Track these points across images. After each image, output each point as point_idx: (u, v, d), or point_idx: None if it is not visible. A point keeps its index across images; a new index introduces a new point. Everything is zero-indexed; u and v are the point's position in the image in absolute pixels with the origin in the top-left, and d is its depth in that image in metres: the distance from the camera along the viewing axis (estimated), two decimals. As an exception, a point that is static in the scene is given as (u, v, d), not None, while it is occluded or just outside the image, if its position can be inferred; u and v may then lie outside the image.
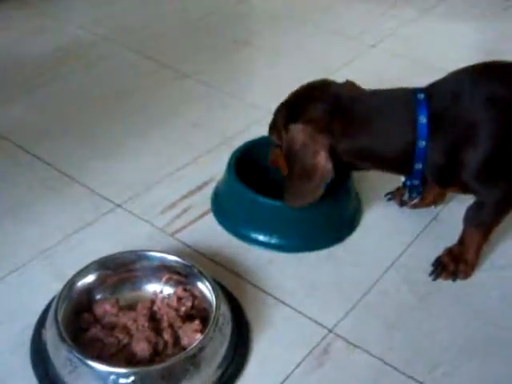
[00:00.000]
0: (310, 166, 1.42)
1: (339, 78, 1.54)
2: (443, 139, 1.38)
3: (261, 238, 1.59)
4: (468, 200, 1.51)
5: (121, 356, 1.25)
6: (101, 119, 2.02)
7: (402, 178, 1.59)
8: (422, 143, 1.39)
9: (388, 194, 1.75)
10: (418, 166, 1.42)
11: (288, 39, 2.59)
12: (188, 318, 1.32)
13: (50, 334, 1.24)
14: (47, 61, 2.32)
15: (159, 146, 1.93)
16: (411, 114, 1.39)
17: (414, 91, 1.43)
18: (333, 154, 1.42)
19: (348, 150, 1.43)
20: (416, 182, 1.50)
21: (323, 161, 1.41)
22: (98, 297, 1.36)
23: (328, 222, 1.62)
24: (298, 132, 1.42)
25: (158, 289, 1.38)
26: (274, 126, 1.53)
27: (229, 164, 1.66)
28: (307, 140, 1.41)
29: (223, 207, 1.67)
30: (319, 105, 1.44)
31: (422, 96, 1.41)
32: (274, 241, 1.58)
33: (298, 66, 2.36)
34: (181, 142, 1.94)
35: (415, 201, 1.64)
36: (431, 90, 1.44)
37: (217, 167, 1.76)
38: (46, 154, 1.84)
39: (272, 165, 1.59)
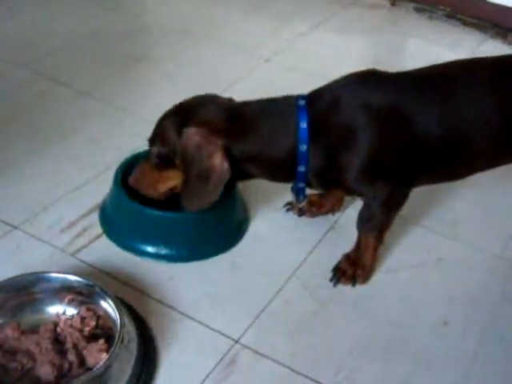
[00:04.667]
0: (206, 168, 1.44)
1: (236, 90, 1.58)
2: (323, 143, 1.45)
3: (149, 249, 1.59)
4: (363, 207, 1.57)
5: (25, 381, 1.23)
6: (-6, 139, 1.97)
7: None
8: (304, 147, 1.44)
9: (286, 204, 1.79)
10: (301, 168, 1.47)
11: (184, 54, 2.60)
12: (93, 337, 1.31)
13: None
14: None
15: (57, 164, 1.89)
16: (293, 119, 1.45)
17: (296, 98, 1.48)
18: (228, 154, 1.44)
19: (240, 152, 1.46)
20: (301, 185, 1.55)
21: (219, 161, 1.43)
22: (-2, 322, 1.32)
23: (213, 230, 1.64)
24: (192, 135, 1.43)
25: (61, 310, 1.36)
26: (158, 134, 1.50)
27: (115, 176, 1.65)
28: (202, 142, 1.42)
29: (110, 221, 1.67)
30: (210, 110, 1.47)
31: (303, 102, 1.47)
32: (163, 251, 1.59)
33: (195, 79, 2.38)
34: (79, 160, 1.91)
35: (303, 203, 1.67)
36: (312, 96, 1.50)
37: (116, 184, 1.75)
38: None
39: (133, 185, 1.57)
